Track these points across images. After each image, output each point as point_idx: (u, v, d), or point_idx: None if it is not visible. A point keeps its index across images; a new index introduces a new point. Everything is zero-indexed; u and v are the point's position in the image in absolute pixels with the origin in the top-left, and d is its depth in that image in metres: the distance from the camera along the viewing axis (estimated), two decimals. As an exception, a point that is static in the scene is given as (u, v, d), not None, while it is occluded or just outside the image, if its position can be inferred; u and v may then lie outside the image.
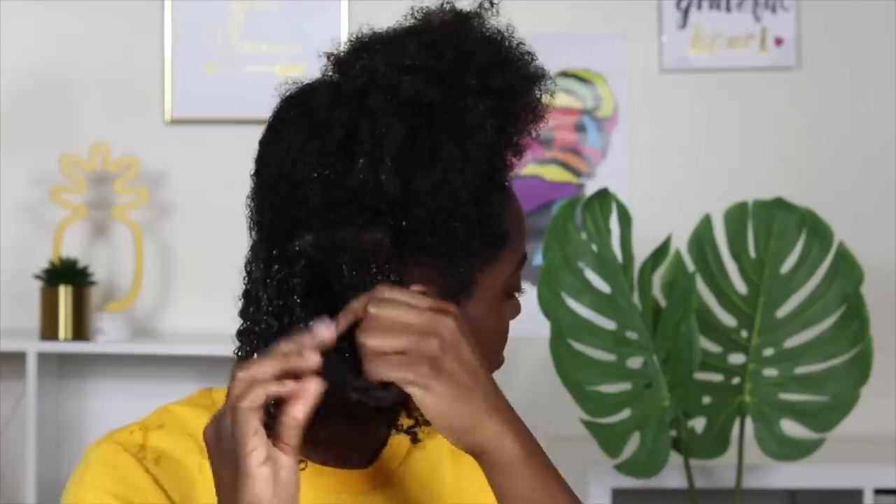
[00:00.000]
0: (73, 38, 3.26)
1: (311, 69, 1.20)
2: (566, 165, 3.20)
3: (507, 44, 1.12)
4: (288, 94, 1.15)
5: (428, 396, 1.03)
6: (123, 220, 3.16)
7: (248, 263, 1.16)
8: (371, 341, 1.04)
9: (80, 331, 3.02)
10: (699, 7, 3.18)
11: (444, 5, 1.13)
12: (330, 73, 1.14)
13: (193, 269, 3.23)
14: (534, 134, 1.13)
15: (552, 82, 1.14)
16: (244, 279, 1.16)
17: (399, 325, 1.04)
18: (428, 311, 1.05)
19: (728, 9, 3.17)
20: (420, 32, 1.11)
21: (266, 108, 1.16)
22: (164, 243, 3.25)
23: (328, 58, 1.14)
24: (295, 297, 1.09)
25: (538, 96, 1.12)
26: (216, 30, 3.24)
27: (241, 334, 1.14)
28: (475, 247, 1.10)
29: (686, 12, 3.18)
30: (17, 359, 3.03)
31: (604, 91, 3.19)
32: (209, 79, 3.23)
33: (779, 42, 3.17)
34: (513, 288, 1.17)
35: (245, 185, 1.19)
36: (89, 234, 3.25)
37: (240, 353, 1.14)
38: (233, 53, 3.23)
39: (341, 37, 1.15)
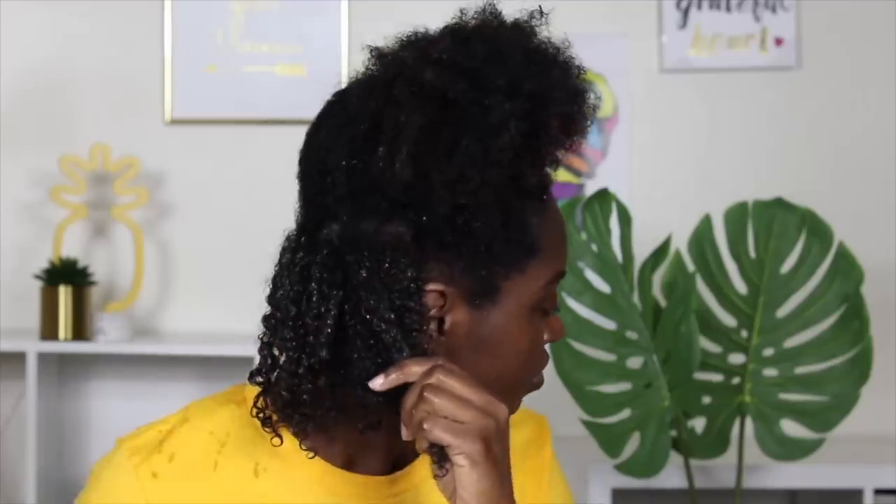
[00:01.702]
0: (73, 38, 3.26)
1: (311, 69, 1.21)
2: (566, 165, 3.19)
3: (547, 50, 1.13)
4: (337, 88, 1.17)
5: (474, 472, 1.06)
6: (123, 220, 3.16)
7: (282, 250, 1.16)
8: (439, 401, 1.07)
9: (81, 331, 3.02)
10: (699, 7, 3.18)
11: (489, 9, 1.14)
12: (369, 66, 1.15)
13: (193, 269, 3.23)
14: (571, 147, 1.12)
15: (596, 100, 1.14)
16: (275, 265, 1.17)
17: (463, 396, 1.07)
18: (486, 392, 1.08)
19: (728, 9, 3.17)
20: (457, 30, 1.13)
21: (266, 108, 1.17)
22: (164, 243, 3.25)
23: (370, 51, 1.15)
24: (313, 283, 1.10)
25: (576, 110, 1.12)
26: (216, 30, 3.23)
27: (264, 319, 1.15)
28: (498, 251, 1.10)
29: (686, 12, 3.18)
30: (17, 359, 3.03)
31: (604, 91, 3.19)
32: (209, 79, 3.23)
33: (779, 42, 3.17)
34: (545, 304, 1.15)
35: (245, 184, 1.20)
36: (89, 234, 3.25)
37: (262, 338, 1.14)
38: (233, 53, 3.23)
39: (341, 37, 1.15)
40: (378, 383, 1.09)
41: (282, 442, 1.14)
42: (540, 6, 1.15)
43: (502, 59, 1.10)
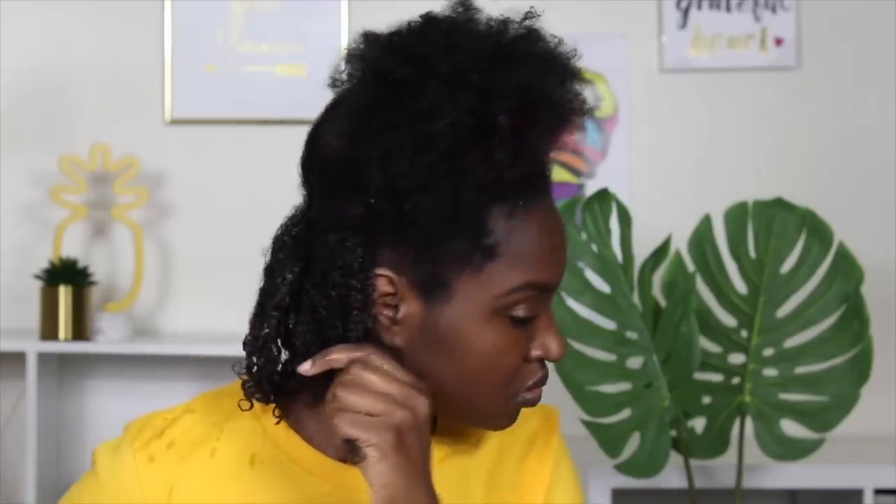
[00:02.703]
0: (73, 38, 3.26)
1: (311, 69, 1.21)
2: (566, 165, 3.20)
3: (517, 51, 1.10)
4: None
5: (382, 464, 1.07)
6: (123, 220, 3.16)
7: (275, 240, 1.20)
8: (349, 397, 1.08)
9: (80, 331, 3.02)
10: (699, 7, 3.18)
11: (465, 2, 1.14)
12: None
13: (193, 269, 3.23)
14: (526, 148, 1.09)
15: (576, 106, 1.11)
16: (267, 256, 1.21)
17: (377, 390, 1.08)
18: (407, 385, 1.09)
19: (728, 9, 3.17)
20: (429, 18, 1.13)
21: (266, 107, 1.19)
22: (164, 243, 3.25)
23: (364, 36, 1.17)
24: (280, 254, 1.15)
25: (536, 112, 1.09)
26: (216, 30, 3.23)
27: (255, 308, 1.19)
28: (444, 245, 1.10)
29: (686, 12, 3.18)
30: (17, 359, 3.03)
31: (604, 91, 3.19)
32: (209, 79, 3.23)
33: (779, 42, 3.17)
34: (514, 312, 1.12)
35: (245, 184, 1.21)
36: (89, 234, 3.25)
37: (253, 330, 1.19)
38: (233, 53, 3.23)
39: (341, 37, 1.16)
40: (304, 368, 1.11)
41: (251, 406, 1.18)
42: (532, 7, 1.14)
43: (455, 50, 1.09)
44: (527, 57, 1.10)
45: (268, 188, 3.03)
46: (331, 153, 1.11)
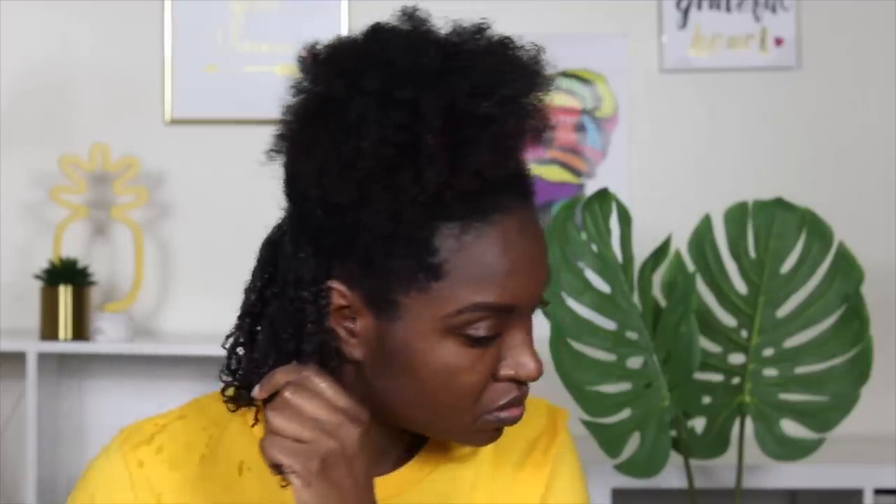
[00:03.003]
0: (73, 38, 3.26)
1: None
2: (566, 165, 3.20)
3: (455, 66, 1.07)
4: None
5: (305, 492, 1.07)
6: (123, 220, 3.16)
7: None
8: (276, 420, 1.08)
9: (80, 331, 3.02)
10: (699, 7, 3.18)
11: (416, 11, 1.12)
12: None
13: (193, 269, 3.23)
14: (458, 168, 1.05)
15: (511, 124, 1.06)
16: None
17: (307, 416, 1.07)
18: (340, 413, 1.08)
19: (728, 9, 3.17)
20: (373, 30, 1.12)
21: (266, 108, 1.19)
22: (164, 243, 3.25)
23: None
24: (255, 264, 1.18)
25: (464, 133, 1.04)
26: (216, 30, 3.24)
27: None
28: (385, 261, 1.07)
29: (686, 12, 3.18)
30: (17, 359, 3.03)
31: (604, 91, 3.19)
32: (209, 79, 3.23)
33: (779, 42, 3.17)
34: (468, 331, 1.09)
35: (245, 185, 1.22)
36: (89, 234, 3.25)
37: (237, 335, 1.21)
38: (233, 53, 3.23)
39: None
40: (254, 393, 1.11)
41: (236, 409, 1.19)
42: (484, 18, 1.11)
43: (386, 65, 1.07)
44: (461, 73, 1.06)
45: (268, 188, 3.03)
46: (284, 164, 1.12)
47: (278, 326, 1.13)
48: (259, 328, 1.16)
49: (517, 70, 1.09)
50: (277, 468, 1.07)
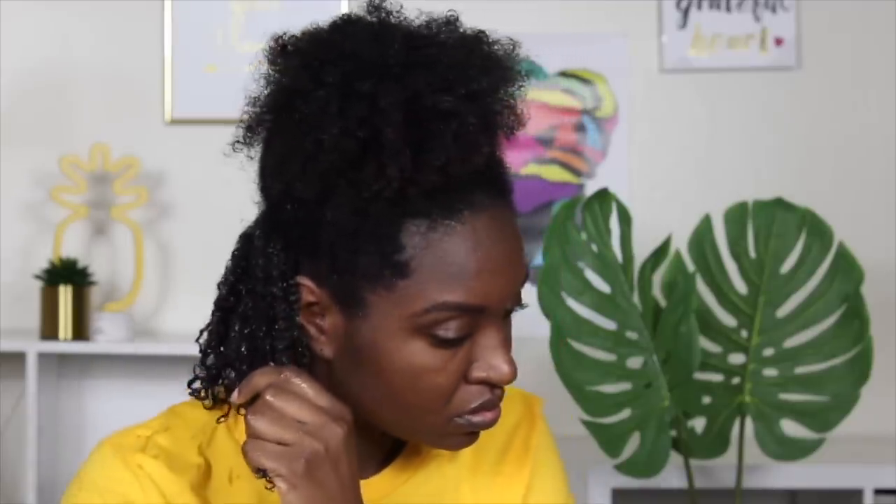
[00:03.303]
0: (73, 38, 3.26)
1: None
2: (566, 165, 3.19)
3: (418, 60, 1.05)
4: None
5: (291, 494, 1.05)
6: (123, 220, 3.16)
7: None
8: (258, 424, 1.06)
9: (80, 331, 3.02)
10: (699, 7, 3.18)
11: (381, 5, 1.10)
12: None
13: (193, 269, 3.23)
14: (420, 162, 1.03)
15: (498, 122, 1.05)
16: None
17: (289, 418, 1.05)
18: (322, 414, 1.06)
19: (728, 9, 3.17)
20: (337, 24, 1.12)
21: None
22: (164, 243, 3.25)
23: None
24: (229, 258, 1.17)
25: (438, 129, 1.03)
26: (216, 30, 3.23)
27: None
28: (351, 257, 1.06)
29: (686, 12, 3.18)
30: (17, 359, 3.03)
31: (604, 91, 3.19)
32: (209, 79, 3.23)
33: (779, 42, 3.17)
34: (436, 331, 1.07)
35: (245, 185, 1.21)
36: (89, 234, 3.25)
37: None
38: (233, 53, 3.23)
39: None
40: (233, 399, 1.09)
41: (228, 419, 1.18)
42: (452, 10, 1.10)
43: (349, 58, 1.06)
44: (426, 67, 1.04)
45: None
46: (257, 158, 1.12)
47: (251, 323, 1.12)
48: (231, 324, 1.15)
49: (487, 65, 1.06)
50: (261, 472, 1.06)
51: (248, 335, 1.12)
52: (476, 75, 1.05)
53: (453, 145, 1.03)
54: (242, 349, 1.12)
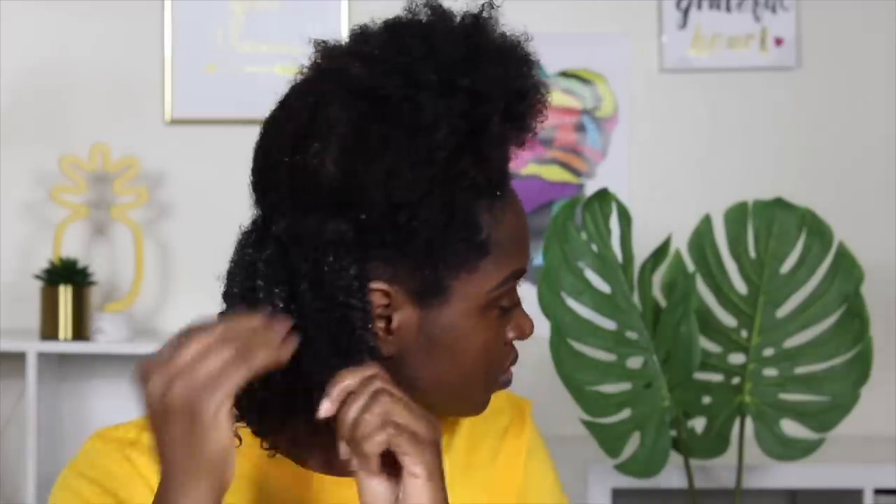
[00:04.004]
0: (73, 38, 3.26)
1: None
2: (566, 165, 3.20)
3: (490, 47, 1.10)
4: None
5: (429, 485, 1.03)
6: (123, 220, 3.16)
7: (235, 245, 1.17)
8: (393, 407, 1.04)
9: (80, 331, 3.02)
10: (699, 7, 3.18)
11: (431, 1, 1.12)
12: (313, 60, 1.15)
13: (193, 269, 3.23)
14: (519, 142, 1.11)
15: (544, 87, 1.12)
16: (229, 261, 1.17)
17: (412, 406, 1.05)
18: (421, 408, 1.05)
19: (728, 9, 3.17)
20: (394, 25, 1.11)
21: (266, 107, 1.17)
22: (164, 243, 3.25)
23: (315, 44, 1.15)
24: (259, 280, 1.10)
25: (520, 107, 1.10)
26: (216, 30, 3.24)
27: (219, 316, 1.14)
28: (443, 250, 1.08)
29: (686, 12, 3.18)
30: (17, 359, 3.03)
31: (604, 91, 3.19)
32: (209, 79, 3.23)
33: (779, 42, 3.17)
34: (502, 302, 1.13)
35: (245, 184, 1.20)
36: (89, 234, 3.25)
37: None
38: (233, 53, 3.23)
39: (341, 37, 1.15)
40: (324, 408, 1.04)
41: (240, 443, 1.11)
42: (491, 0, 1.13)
43: (437, 56, 1.08)
44: (502, 52, 1.10)
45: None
46: (323, 175, 1.07)
47: (325, 341, 1.08)
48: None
49: (524, 49, 1.14)
50: (384, 460, 1.03)
51: (323, 355, 1.09)
52: (529, 54, 1.12)
53: (531, 124, 1.12)
54: (320, 371, 1.08)
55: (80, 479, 1.15)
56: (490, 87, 1.08)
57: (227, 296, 1.14)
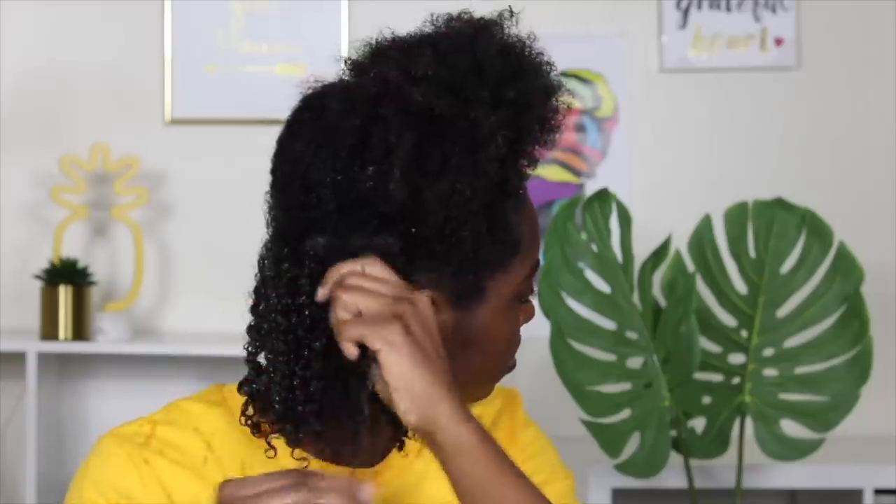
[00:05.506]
0: (73, 38, 3.26)
1: (311, 69, 1.21)
2: (566, 165, 3.20)
3: (524, 54, 1.15)
4: (305, 93, 1.17)
5: (393, 354, 1.05)
6: (123, 220, 3.16)
7: (261, 260, 1.17)
8: (345, 297, 1.07)
9: (81, 331, 3.02)
10: (699, 7, 3.18)
11: (462, 14, 1.15)
12: (345, 77, 1.16)
13: (193, 269, 3.23)
14: (548, 144, 1.16)
15: (568, 92, 1.17)
16: (256, 276, 1.17)
17: (377, 292, 1.08)
18: (400, 286, 1.09)
19: (728, 9, 3.17)
20: (435, 42, 1.14)
21: (266, 107, 1.18)
22: (164, 243, 3.25)
23: (345, 62, 1.16)
24: (304, 297, 1.11)
25: (553, 108, 1.15)
26: (216, 30, 3.23)
27: (250, 330, 1.16)
28: (485, 255, 1.13)
29: (686, 12, 3.18)
30: (17, 359, 3.03)
31: (604, 91, 3.19)
32: (209, 79, 3.23)
33: (779, 42, 3.17)
34: (524, 293, 1.19)
35: (245, 184, 1.20)
36: (89, 234, 3.25)
37: (249, 349, 1.16)
38: (233, 53, 3.23)
39: (341, 37, 1.16)
40: (323, 293, 1.09)
41: (275, 453, 1.15)
42: (510, 6, 1.17)
43: (483, 70, 1.12)
44: (539, 63, 1.16)
45: (268, 188, 3.03)
46: (381, 196, 1.09)
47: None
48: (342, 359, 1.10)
49: (540, 55, 1.19)
50: (362, 358, 1.06)
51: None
52: (556, 77, 1.17)
53: (561, 126, 1.17)
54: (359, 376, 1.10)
55: (93, 492, 1.16)
56: (532, 97, 1.13)
57: (259, 311, 1.15)
